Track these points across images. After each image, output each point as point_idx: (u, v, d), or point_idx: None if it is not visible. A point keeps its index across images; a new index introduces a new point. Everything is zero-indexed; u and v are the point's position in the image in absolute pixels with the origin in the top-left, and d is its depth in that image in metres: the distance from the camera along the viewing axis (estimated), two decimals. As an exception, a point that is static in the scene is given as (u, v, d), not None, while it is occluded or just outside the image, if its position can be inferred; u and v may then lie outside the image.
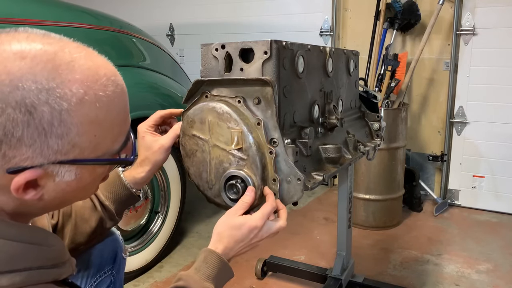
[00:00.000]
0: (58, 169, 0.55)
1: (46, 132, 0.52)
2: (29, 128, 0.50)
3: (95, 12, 1.91)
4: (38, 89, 0.50)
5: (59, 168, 0.55)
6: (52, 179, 0.56)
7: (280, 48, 0.97)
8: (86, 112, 0.54)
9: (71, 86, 0.53)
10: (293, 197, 0.95)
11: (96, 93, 0.55)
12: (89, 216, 0.96)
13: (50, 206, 0.61)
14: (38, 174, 0.53)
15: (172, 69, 2.36)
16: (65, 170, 0.56)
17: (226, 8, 3.68)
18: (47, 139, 0.52)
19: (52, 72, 0.52)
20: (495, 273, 2.11)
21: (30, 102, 0.50)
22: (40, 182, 0.55)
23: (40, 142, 0.52)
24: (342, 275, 1.79)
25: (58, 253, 0.61)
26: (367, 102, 1.58)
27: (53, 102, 0.51)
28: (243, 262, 2.20)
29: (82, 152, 0.56)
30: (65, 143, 0.53)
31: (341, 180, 1.76)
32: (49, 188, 0.57)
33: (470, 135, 2.92)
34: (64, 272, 0.60)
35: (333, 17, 3.25)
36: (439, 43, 2.97)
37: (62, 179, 0.56)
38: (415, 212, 2.90)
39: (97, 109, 0.55)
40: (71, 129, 0.53)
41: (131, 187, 0.98)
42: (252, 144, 0.92)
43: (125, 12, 3.35)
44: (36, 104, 0.50)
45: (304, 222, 2.74)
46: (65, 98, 0.52)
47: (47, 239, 0.60)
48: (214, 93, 1.00)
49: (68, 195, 0.60)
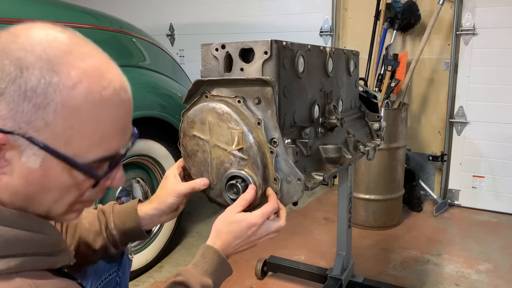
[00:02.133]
0: (26, 147, 0.54)
1: (26, 95, 0.52)
2: (13, 84, 0.51)
3: (95, 12, 1.90)
4: (41, 57, 0.52)
5: (27, 146, 0.54)
6: (18, 156, 0.54)
7: (280, 48, 0.97)
8: (71, 98, 0.53)
9: (72, 70, 0.54)
10: (293, 197, 0.95)
11: (91, 88, 0.55)
12: (93, 240, 0.95)
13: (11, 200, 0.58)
14: (6, 140, 0.53)
15: (172, 69, 2.36)
16: (32, 152, 0.54)
17: (226, 8, 3.68)
18: (24, 102, 0.52)
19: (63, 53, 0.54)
20: (495, 273, 2.11)
21: (26, 63, 0.52)
22: (7, 154, 0.54)
23: (17, 103, 0.52)
24: (342, 275, 1.79)
25: (53, 241, 0.60)
26: (367, 102, 1.58)
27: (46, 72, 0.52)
28: (243, 262, 2.20)
29: (53, 139, 0.54)
30: (39, 117, 0.52)
31: (341, 180, 1.76)
32: (13, 168, 0.55)
33: (470, 135, 2.92)
34: (59, 261, 0.60)
35: (333, 17, 3.25)
36: (439, 43, 2.97)
37: (27, 161, 0.54)
38: (415, 212, 2.90)
39: (84, 102, 0.54)
40: (50, 104, 0.52)
41: (141, 221, 0.97)
42: (253, 144, 0.93)
43: (125, 12, 3.35)
44: (29, 66, 0.52)
45: (304, 222, 2.74)
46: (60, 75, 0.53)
47: (42, 227, 0.59)
48: (214, 93, 1.00)
49: (31, 188, 0.57)
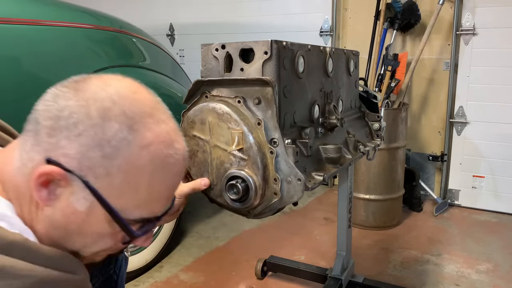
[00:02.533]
0: (79, 189, 0.55)
1: (100, 144, 0.54)
2: (92, 130, 0.54)
3: (95, 12, 1.90)
4: (125, 113, 0.55)
5: (81, 188, 0.55)
6: (68, 195, 0.56)
7: (280, 48, 0.97)
8: (138, 157, 0.56)
9: (147, 132, 0.56)
10: (293, 197, 0.95)
11: (158, 152, 0.57)
12: None
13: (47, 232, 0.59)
14: (63, 177, 0.54)
15: (172, 69, 2.36)
16: (83, 195, 0.56)
17: (226, 8, 3.68)
18: (95, 149, 0.54)
19: (145, 114, 0.57)
20: (495, 273, 2.11)
21: (110, 114, 0.54)
22: (57, 190, 0.56)
23: (88, 148, 0.54)
24: (342, 275, 1.79)
25: (83, 282, 0.60)
26: (367, 102, 1.58)
27: (125, 128, 0.55)
28: (243, 262, 2.20)
29: (108, 189, 0.56)
30: (102, 165, 0.55)
31: (341, 180, 1.76)
32: (59, 204, 0.57)
33: (470, 135, 2.92)
34: None
35: (333, 17, 3.25)
36: (439, 43, 2.97)
37: (75, 202, 0.56)
38: (415, 212, 2.90)
39: (148, 164, 0.56)
40: (117, 158, 0.55)
41: None
42: (253, 144, 0.93)
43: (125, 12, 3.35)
44: (112, 118, 0.54)
45: (304, 222, 2.74)
46: (136, 134, 0.55)
47: (76, 268, 0.59)
48: (214, 93, 1.00)
49: (69, 228, 0.58)
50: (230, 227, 2.63)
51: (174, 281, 2.03)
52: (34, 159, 0.55)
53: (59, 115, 0.55)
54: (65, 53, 1.65)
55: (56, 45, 1.62)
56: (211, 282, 2.02)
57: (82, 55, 1.73)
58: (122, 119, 0.55)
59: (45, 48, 1.57)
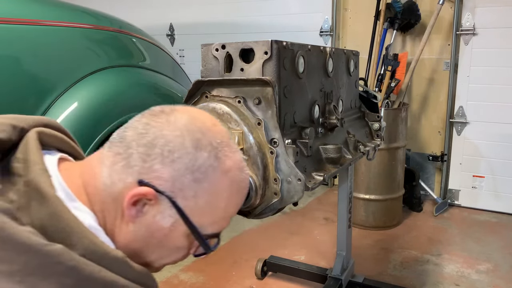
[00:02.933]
0: (166, 208, 0.61)
1: (192, 170, 0.61)
2: (185, 157, 0.60)
3: (95, 12, 1.90)
4: (211, 143, 0.63)
5: (168, 207, 0.61)
6: (154, 213, 0.61)
7: (281, 48, 0.97)
8: (221, 181, 0.63)
9: (228, 160, 0.64)
10: (293, 197, 0.95)
11: (235, 177, 0.65)
12: None
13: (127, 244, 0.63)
14: (153, 197, 0.60)
15: (172, 69, 2.35)
16: (169, 213, 0.61)
17: (226, 8, 3.68)
18: (187, 174, 0.60)
19: (224, 145, 0.64)
20: (495, 273, 2.11)
21: (201, 144, 0.61)
22: (145, 208, 0.61)
23: (181, 173, 0.60)
24: (342, 275, 1.79)
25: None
26: (367, 102, 1.58)
27: (213, 156, 0.62)
28: (243, 262, 2.20)
29: (192, 209, 0.62)
30: (192, 188, 0.61)
31: (341, 180, 1.76)
32: (144, 220, 0.62)
33: (470, 135, 2.92)
34: None
35: (333, 17, 3.25)
36: (439, 43, 2.97)
37: (161, 219, 0.62)
38: (415, 212, 2.90)
39: (227, 187, 0.64)
40: (205, 181, 0.61)
41: None
42: (253, 144, 0.92)
43: (125, 12, 3.35)
44: (203, 147, 0.62)
45: (304, 222, 2.74)
46: (220, 162, 0.63)
47: (154, 284, 0.65)
48: (214, 93, 1.00)
49: (150, 241, 0.63)
50: (230, 227, 2.62)
51: (174, 281, 2.03)
52: (125, 180, 0.60)
53: (154, 143, 0.60)
54: (65, 53, 1.65)
55: (56, 45, 1.62)
56: (211, 282, 2.02)
57: (82, 55, 1.73)
58: (209, 148, 0.62)
59: (45, 48, 1.57)
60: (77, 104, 1.62)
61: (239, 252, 2.31)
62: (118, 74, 1.85)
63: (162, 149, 0.60)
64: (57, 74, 1.61)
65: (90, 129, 1.63)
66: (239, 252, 2.32)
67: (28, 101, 1.46)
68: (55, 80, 1.59)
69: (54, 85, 1.58)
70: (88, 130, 1.62)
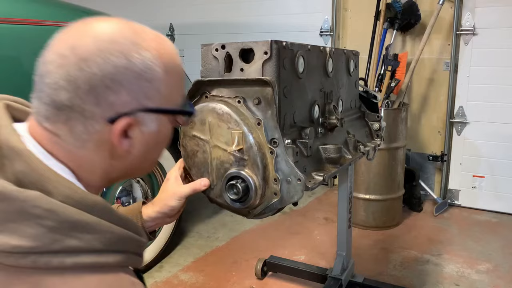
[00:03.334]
0: (145, 118, 0.63)
1: (139, 75, 0.61)
2: (127, 71, 0.60)
3: (95, 12, 1.90)
4: (129, 43, 0.61)
5: (146, 116, 0.63)
6: (139, 129, 0.63)
7: (280, 48, 0.97)
8: (164, 62, 0.64)
9: (151, 43, 0.64)
10: (293, 197, 0.95)
11: (165, 50, 0.66)
12: None
13: (131, 167, 0.67)
14: (131, 122, 0.61)
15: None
16: (149, 119, 0.64)
17: (226, 8, 3.68)
18: (140, 81, 0.61)
19: (134, 33, 0.63)
20: (495, 273, 2.11)
21: (126, 51, 0.60)
22: (131, 133, 0.63)
23: (135, 85, 0.61)
24: (342, 275, 1.79)
25: (144, 244, 0.67)
26: (367, 102, 1.57)
27: (142, 52, 0.62)
28: (243, 262, 2.20)
29: (161, 101, 0.64)
30: (152, 87, 0.63)
31: (341, 180, 1.76)
32: (137, 140, 0.64)
33: (470, 135, 2.92)
34: (142, 262, 0.67)
35: (333, 17, 3.25)
36: (439, 43, 2.97)
37: (147, 129, 0.64)
38: (415, 212, 2.90)
39: (169, 61, 0.66)
40: (155, 74, 0.63)
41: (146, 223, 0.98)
42: (253, 144, 0.92)
43: (125, 12, 3.35)
44: (130, 52, 0.61)
45: (304, 222, 2.74)
46: (148, 50, 0.63)
47: (141, 232, 0.66)
48: (214, 93, 1.00)
49: (150, 151, 0.67)
50: (230, 227, 2.63)
51: (174, 281, 2.03)
52: (94, 130, 0.60)
53: (92, 84, 0.59)
54: (65, 53, 1.65)
55: (56, 45, 1.62)
56: (211, 282, 2.02)
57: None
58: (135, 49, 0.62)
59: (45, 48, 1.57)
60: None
61: (239, 252, 2.31)
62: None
63: (104, 83, 0.59)
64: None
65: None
66: (239, 252, 2.32)
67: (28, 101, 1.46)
68: (55, 80, 1.59)
69: (54, 85, 1.58)
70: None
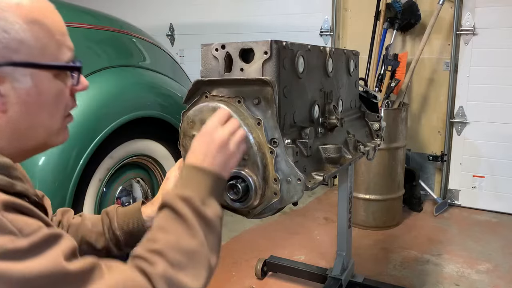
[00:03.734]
0: (13, 72, 0.62)
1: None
2: None
3: (95, 12, 1.90)
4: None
5: (14, 70, 0.62)
6: (11, 85, 0.62)
7: (280, 48, 0.97)
8: (25, 13, 0.63)
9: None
10: (293, 197, 0.95)
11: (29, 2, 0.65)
12: (95, 240, 0.96)
13: (19, 132, 0.65)
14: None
15: (172, 69, 2.36)
16: (20, 74, 0.62)
17: (226, 8, 3.68)
18: None
19: None
20: (495, 273, 2.11)
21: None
22: (2, 89, 0.62)
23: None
24: (342, 275, 1.79)
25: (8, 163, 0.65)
26: (367, 102, 1.58)
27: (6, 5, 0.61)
28: (243, 262, 2.20)
29: (31, 54, 0.63)
30: (12, 39, 0.61)
31: (341, 180, 1.76)
32: (11, 99, 0.63)
33: (470, 135, 2.92)
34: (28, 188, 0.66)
35: (333, 17, 3.25)
36: (439, 43, 2.97)
37: (20, 84, 0.63)
38: (415, 212, 2.90)
39: (34, 13, 0.64)
40: (14, 24, 0.62)
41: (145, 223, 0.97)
42: (253, 144, 0.92)
43: (125, 12, 3.35)
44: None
45: (304, 222, 2.74)
46: (3, 1, 0.62)
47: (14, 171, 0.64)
48: (214, 93, 1.00)
49: (32, 110, 0.65)
50: (230, 227, 2.63)
51: (174, 281, 2.02)
52: None
53: None
54: (65, 53, 1.65)
55: (56, 45, 1.62)
56: (211, 282, 2.02)
57: (82, 55, 1.73)
58: None
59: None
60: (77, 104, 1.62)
61: (239, 252, 2.31)
62: (118, 74, 1.85)
63: None
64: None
65: (90, 129, 1.63)
66: (239, 252, 2.32)
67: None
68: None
69: (54, 85, 1.58)
70: (88, 130, 1.62)
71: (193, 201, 0.73)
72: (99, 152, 1.64)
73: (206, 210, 0.74)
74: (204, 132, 0.84)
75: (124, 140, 1.77)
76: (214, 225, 0.74)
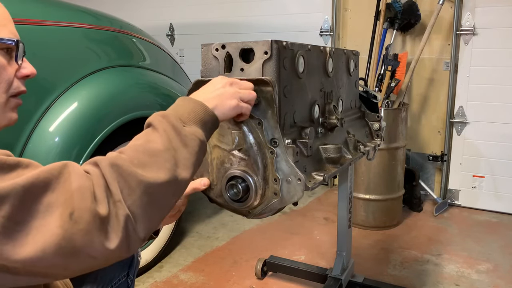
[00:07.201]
0: None
1: None
2: None
3: (95, 12, 1.90)
4: None
5: None
6: None
7: (281, 48, 0.97)
8: None
9: None
10: (293, 197, 0.95)
11: None
12: None
13: None
14: None
15: (172, 69, 2.36)
16: None
17: (226, 8, 3.68)
18: None
19: None
20: (495, 273, 2.11)
21: None
22: None
23: None
24: (342, 275, 1.79)
25: None
26: (367, 102, 1.58)
27: None
28: (243, 262, 2.20)
29: None
30: None
31: (341, 180, 1.76)
32: None
33: (470, 135, 2.92)
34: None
35: (333, 17, 3.25)
36: (439, 43, 2.97)
37: None
38: (415, 212, 2.90)
39: None
40: None
41: None
42: (253, 144, 0.92)
43: (125, 12, 3.35)
44: None
45: (304, 222, 2.74)
46: None
47: None
48: (215, 93, 0.99)
49: None
50: (230, 227, 2.63)
51: (174, 281, 2.03)
52: None
53: None
54: (65, 53, 1.65)
55: (56, 45, 1.62)
56: (211, 282, 2.02)
57: (82, 55, 1.73)
58: None
59: (45, 48, 1.57)
60: (77, 104, 1.62)
61: (239, 252, 2.31)
62: (118, 74, 1.85)
63: None
64: (57, 74, 1.61)
65: (90, 129, 1.63)
66: (239, 252, 2.32)
67: (28, 101, 1.46)
68: (55, 80, 1.59)
69: (54, 85, 1.58)
70: (88, 130, 1.62)
71: (171, 117, 0.72)
72: (99, 152, 1.64)
73: (183, 127, 0.71)
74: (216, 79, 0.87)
75: (124, 140, 1.77)
76: (188, 141, 0.70)
